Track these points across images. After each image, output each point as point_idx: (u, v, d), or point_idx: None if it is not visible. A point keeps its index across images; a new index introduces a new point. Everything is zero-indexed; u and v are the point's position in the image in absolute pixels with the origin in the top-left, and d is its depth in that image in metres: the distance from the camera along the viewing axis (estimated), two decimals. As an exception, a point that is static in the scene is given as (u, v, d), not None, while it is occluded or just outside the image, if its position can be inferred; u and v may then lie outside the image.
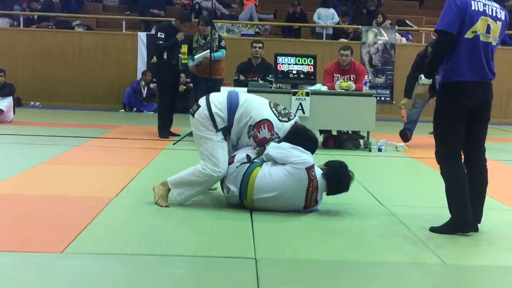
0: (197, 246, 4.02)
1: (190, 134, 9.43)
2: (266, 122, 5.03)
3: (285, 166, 4.89)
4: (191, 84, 12.99)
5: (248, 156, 5.02)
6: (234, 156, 5.07)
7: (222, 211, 5.02)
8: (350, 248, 4.13)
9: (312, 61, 9.50)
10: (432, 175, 7.41)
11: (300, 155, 4.92)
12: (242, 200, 5.02)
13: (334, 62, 9.90)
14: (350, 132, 9.65)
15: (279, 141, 5.07)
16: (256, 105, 5.13)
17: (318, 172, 4.98)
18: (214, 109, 5.08)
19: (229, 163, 5.03)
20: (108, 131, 10.65)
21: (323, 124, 9.34)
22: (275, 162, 4.98)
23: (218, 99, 5.15)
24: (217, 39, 10.23)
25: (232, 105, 5.08)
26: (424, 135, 10.60)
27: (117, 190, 5.63)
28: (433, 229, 4.60)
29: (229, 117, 5.05)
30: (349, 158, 8.27)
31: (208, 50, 9.92)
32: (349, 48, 9.73)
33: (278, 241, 4.22)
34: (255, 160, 5.03)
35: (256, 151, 5.08)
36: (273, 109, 5.14)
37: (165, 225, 4.52)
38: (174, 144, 9.11)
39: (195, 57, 9.97)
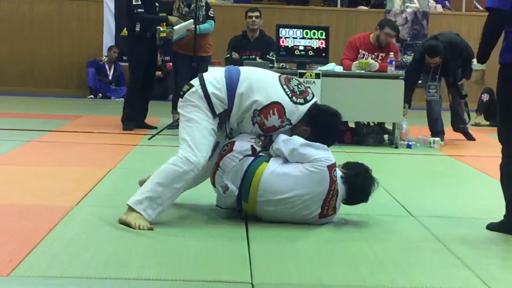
0: (177, 268, 4.01)
1: (171, 126, 9.45)
2: (276, 106, 4.94)
3: (302, 163, 4.89)
4: (171, 64, 12.99)
5: (253, 148, 4.97)
6: (234, 143, 4.99)
7: (208, 225, 5.01)
8: (371, 270, 4.12)
9: (324, 34, 9.50)
10: (476, 177, 7.42)
11: (318, 153, 4.89)
12: (241, 203, 4.99)
13: (364, 35, 9.91)
14: (371, 124, 9.65)
15: (291, 133, 5.04)
16: (262, 83, 5.02)
17: (338, 174, 4.97)
18: (210, 89, 4.95)
19: (227, 151, 4.97)
20: (67, 123, 10.65)
21: (337, 114, 9.32)
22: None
23: (215, 76, 5.04)
24: (204, 8, 10.22)
25: (233, 83, 4.98)
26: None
27: (78, 197, 5.61)
28: (490, 226, 5.03)
29: (229, 98, 4.95)
30: (371, 156, 8.28)
31: (192, 20, 9.92)
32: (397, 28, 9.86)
33: (280, 262, 4.21)
34: (261, 154, 5.00)
35: (261, 141, 5.03)
36: (285, 86, 5.03)
37: (138, 242, 4.51)
38: (149, 139, 9.10)
39: (175, 28, 9.96)
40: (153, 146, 8.64)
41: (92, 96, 15.42)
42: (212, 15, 10.33)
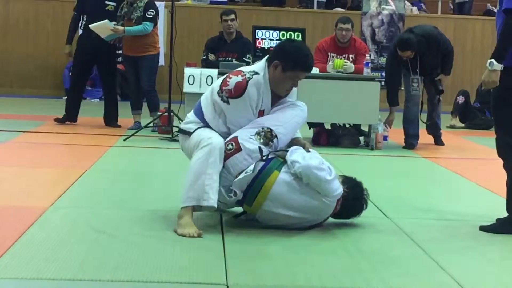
0: (152, 269, 4.00)
1: (148, 126, 9.44)
2: (230, 73, 5.02)
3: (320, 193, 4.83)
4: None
5: (260, 150, 4.85)
6: (237, 140, 4.83)
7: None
8: (347, 272, 4.13)
9: (300, 36, 9.50)
10: (451, 179, 7.45)
11: (338, 187, 4.88)
12: (242, 203, 4.94)
13: (329, 37, 9.92)
14: (347, 126, 9.67)
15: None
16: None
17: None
18: (181, 123, 5.25)
19: (234, 151, 4.83)
20: (42, 124, 10.59)
21: (313, 116, 9.29)
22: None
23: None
24: (141, 8, 10.00)
25: (197, 103, 5.15)
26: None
27: (52, 199, 5.59)
28: (483, 228, 5.04)
29: (198, 116, 5.03)
30: (347, 158, 8.30)
31: (107, 20, 9.83)
32: (350, 21, 9.73)
33: (255, 263, 4.21)
34: (270, 156, 4.88)
35: (261, 137, 4.88)
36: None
37: (113, 244, 4.49)
38: (125, 140, 9.08)
39: (90, 26, 10.01)
40: (129, 148, 8.61)
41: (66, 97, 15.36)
42: (150, 16, 9.99)
